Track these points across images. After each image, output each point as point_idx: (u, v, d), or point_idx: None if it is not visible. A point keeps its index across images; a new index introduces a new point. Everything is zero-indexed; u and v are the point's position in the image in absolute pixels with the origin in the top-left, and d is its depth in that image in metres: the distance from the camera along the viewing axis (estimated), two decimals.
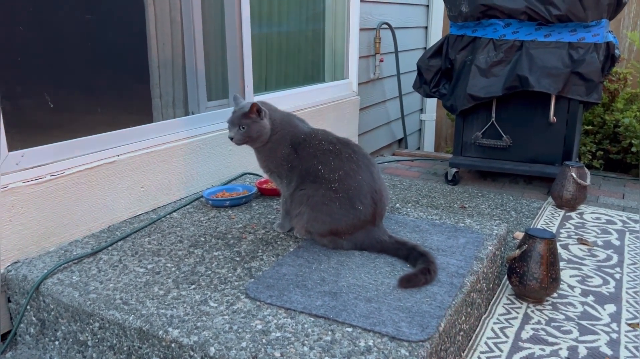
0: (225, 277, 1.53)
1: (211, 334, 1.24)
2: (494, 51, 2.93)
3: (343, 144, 1.72)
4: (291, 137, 1.75)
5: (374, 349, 1.19)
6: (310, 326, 1.28)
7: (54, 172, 1.72)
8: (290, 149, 1.74)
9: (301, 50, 3.34)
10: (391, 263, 1.60)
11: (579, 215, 2.64)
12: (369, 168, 1.70)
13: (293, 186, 1.73)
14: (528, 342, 1.58)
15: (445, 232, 1.86)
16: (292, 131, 1.77)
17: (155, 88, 2.32)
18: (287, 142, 1.74)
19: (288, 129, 1.77)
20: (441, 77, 3.24)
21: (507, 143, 3.07)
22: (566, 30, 2.78)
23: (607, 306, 1.79)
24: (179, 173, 2.18)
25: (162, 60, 2.33)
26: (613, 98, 3.74)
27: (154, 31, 2.27)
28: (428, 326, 1.27)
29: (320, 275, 1.53)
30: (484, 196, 2.92)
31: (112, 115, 2.10)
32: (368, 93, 3.89)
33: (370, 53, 3.86)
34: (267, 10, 2.97)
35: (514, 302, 1.81)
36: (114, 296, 1.43)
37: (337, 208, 1.64)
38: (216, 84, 2.60)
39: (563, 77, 2.78)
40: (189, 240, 1.79)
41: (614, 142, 3.68)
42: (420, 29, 4.74)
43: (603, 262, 2.12)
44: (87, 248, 1.72)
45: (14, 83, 1.75)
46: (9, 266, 1.61)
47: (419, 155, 4.21)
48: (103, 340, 1.40)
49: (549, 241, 1.74)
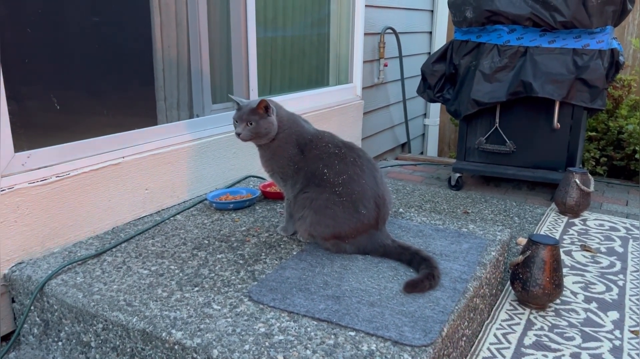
0: (229, 280, 1.53)
1: (214, 337, 1.25)
2: (498, 57, 2.93)
3: (348, 148, 1.73)
4: (297, 137, 1.75)
5: (376, 354, 1.19)
6: (313, 329, 1.29)
7: (59, 173, 1.73)
8: (297, 150, 1.73)
9: (306, 54, 3.35)
10: (394, 268, 1.60)
11: (582, 222, 2.64)
12: (372, 173, 1.70)
13: (297, 189, 1.74)
14: (531, 348, 1.58)
15: (449, 237, 1.86)
16: (299, 131, 1.76)
17: (160, 91, 2.33)
18: (294, 142, 1.74)
19: (295, 128, 1.76)
20: (445, 82, 3.24)
21: (510, 148, 3.07)
22: (571, 37, 2.79)
23: (610, 313, 1.79)
24: (183, 175, 2.19)
25: (168, 62, 2.34)
26: (617, 105, 3.74)
27: (159, 34, 2.28)
28: (431, 331, 1.27)
29: (323, 278, 1.53)
30: (487, 201, 2.92)
31: (117, 117, 2.11)
32: (372, 97, 3.90)
33: (374, 57, 3.87)
34: (273, 15, 2.99)
35: (516, 308, 1.81)
36: (117, 297, 1.43)
37: (341, 211, 1.65)
38: (221, 87, 2.61)
39: (567, 84, 2.78)
40: (193, 242, 1.80)
41: (618, 149, 3.68)
42: (425, 34, 4.75)
43: (606, 269, 2.12)
44: (91, 250, 1.73)
45: (20, 85, 1.76)
46: (13, 266, 1.62)
47: (422, 160, 4.21)
48: (106, 341, 1.40)
49: (552, 248, 1.74)
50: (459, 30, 3.08)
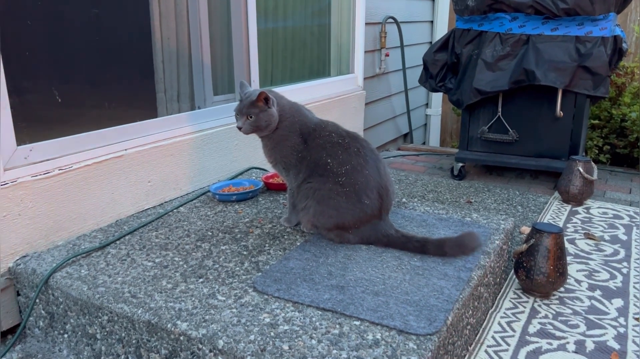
0: (233, 271, 1.53)
1: (219, 327, 1.25)
2: (501, 45, 2.91)
3: (352, 138, 1.72)
4: (300, 126, 1.74)
5: (382, 343, 1.19)
6: (318, 319, 1.29)
7: (62, 166, 1.73)
8: (300, 139, 1.73)
9: (307, 45, 3.34)
10: (398, 257, 1.60)
11: (586, 210, 2.64)
12: (375, 163, 1.70)
13: (301, 178, 1.73)
14: (535, 336, 1.58)
15: (452, 226, 1.86)
16: (302, 120, 1.76)
17: (160, 82, 2.32)
18: (297, 131, 1.73)
19: (298, 117, 1.76)
20: (447, 72, 3.23)
21: (513, 137, 3.06)
22: (573, 24, 2.77)
23: (615, 301, 1.79)
24: (185, 167, 2.19)
25: (167, 54, 2.33)
26: (620, 93, 3.72)
27: (158, 25, 2.27)
28: (436, 319, 1.27)
29: (327, 268, 1.53)
30: (490, 191, 2.91)
31: (118, 110, 2.11)
32: (374, 87, 3.89)
33: (375, 47, 3.85)
34: (273, 5, 2.97)
35: (521, 296, 1.81)
36: (122, 289, 1.44)
37: (344, 202, 1.64)
38: (222, 79, 2.60)
39: (570, 71, 2.77)
40: (196, 234, 1.80)
41: (621, 137, 3.66)
42: (426, 23, 4.72)
43: (610, 257, 2.11)
44: (96, 242, 1.73)
45: (21, 78, 1.76)
46: (17, 259, 1.63)
47: (424, 150, 4.20)
48: (112, 333, 1.40)
49: (556, 236, 1.74)
50: (460, 18, 3.06)
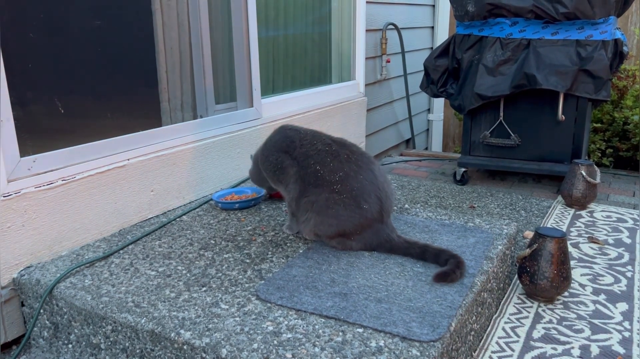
0: (236, 279, 1.54)
1: (223, 336, 1.25)
2: (501, 50, 2.92)
3: (339, 145, 1.74)
4: (274, 145, 1.87)
5: (385, 350, 1.19)
6: (321, 327, 1.29)
7: (65, 177, 1.74)
8: (281, 154, 1.81)
9: (308, 53, 3.35)
10: (401, 264, 1.60)
11: (589, 214, 2.63)
12: (369, 166, 1.70)
13: (296, 191, 1.74)
14: (540, 341, 1.58)
15: (455, 232, 1.86)
16: (275, 139, 1.88)
17: (164, 92, 2.34)
18: (273, 151, 1.86)
19: (269, 144, 1.90)
20: (448, 77, 3.23)
21: (515, 142, 3.06)
22: (573, 28, 2.77)
23: (619, 305, 1.78)
24: (188, 176, 2.20)
25: (171, 64, 2.35)
26: (622, 96, 3.72)
27: (161, 36, 2.29)
28: (439, 326, 1.27)
29: (330, 276, 1.53)
30: (493, 195, 2.91)
31: (121, 120, 2.12)
32: (375, 94, 3.89)
33: (376, 54, 3.86)
34: (274, 14, 2.98)
35: (524, 301, 1.81)
36: (126, 299, 1.44)
37: (342, 209, 1.65)
38: (224, 87, 2.61)
39: (571, 75, 2.77)
40: (199, 242, 1.80)
41: (624, 140, 3.66)
42: (427, 29, 4.74)
43: (614, 260, 2.11)
44: (99, 252, 1.73)
45: (24, 90, 1.77)
46: (22, 270, 1.63)
47: (427, 155, 4.21)
48: (116, 343, 1.41)
49: (559, 240, 1.73)
50: (460, 24, 3.07)
